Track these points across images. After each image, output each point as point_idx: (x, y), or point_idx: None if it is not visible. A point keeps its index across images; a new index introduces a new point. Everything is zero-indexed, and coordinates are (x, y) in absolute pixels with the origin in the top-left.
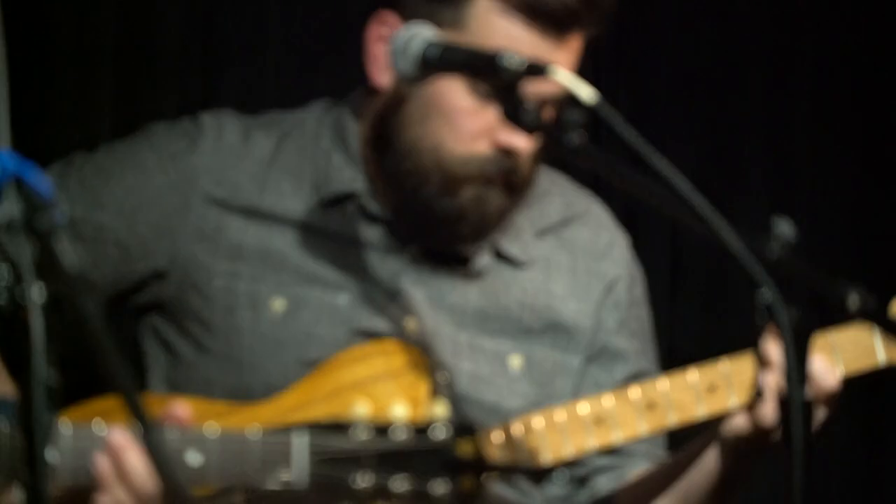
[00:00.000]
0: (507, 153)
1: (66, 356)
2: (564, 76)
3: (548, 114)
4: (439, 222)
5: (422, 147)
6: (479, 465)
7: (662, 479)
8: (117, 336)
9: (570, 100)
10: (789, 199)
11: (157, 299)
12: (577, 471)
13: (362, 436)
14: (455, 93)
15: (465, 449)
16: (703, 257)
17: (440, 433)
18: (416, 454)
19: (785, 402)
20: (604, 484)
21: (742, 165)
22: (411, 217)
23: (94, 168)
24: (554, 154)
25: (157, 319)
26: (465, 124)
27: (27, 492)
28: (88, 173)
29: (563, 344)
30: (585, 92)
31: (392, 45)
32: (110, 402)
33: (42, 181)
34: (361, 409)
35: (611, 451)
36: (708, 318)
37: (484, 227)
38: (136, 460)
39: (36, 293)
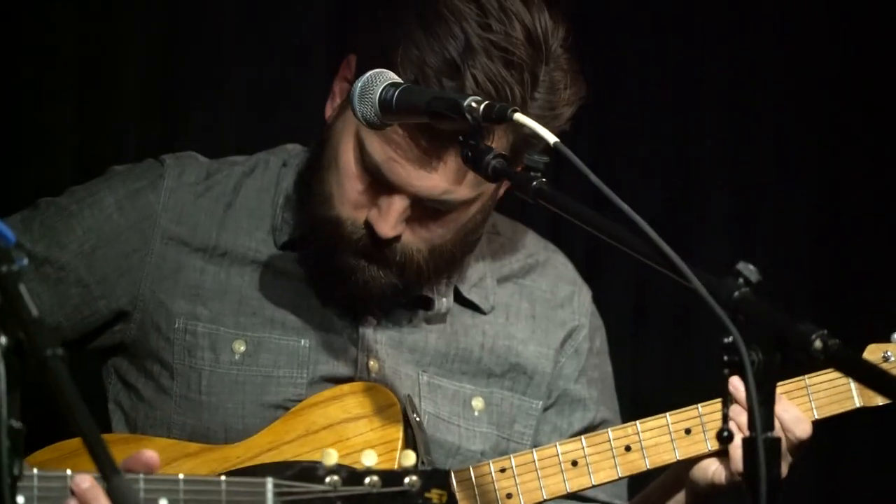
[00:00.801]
0: (373, 232)
1: (31, 399)
2: (525, 118)
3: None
4: (331, 275)
5: (322, 194)
6: None
7: None
8: (80, 378)
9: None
10: (752, 239)
11: (120, 341)
12: None
13: (330, 481)
14: (347, 153)
15: (435, 496)
16: (666, 298)
17: (410, 480)
18: (386, 501)
19: (749, 445)
20: None
21: (705, 207)
22: (323, 267)
23: (56, 210)
24: (518, 196)
25: (121, 361)
26: (348, 189)
27: None
28: (51, 215)
29: (522, 387)
30: (547, 134)
31: (351, 90)
32: (75, 443)
33: (2, 227)
34: (331, 457)
35: (579, 500)
36: (672, 358)
37: (365, 294)
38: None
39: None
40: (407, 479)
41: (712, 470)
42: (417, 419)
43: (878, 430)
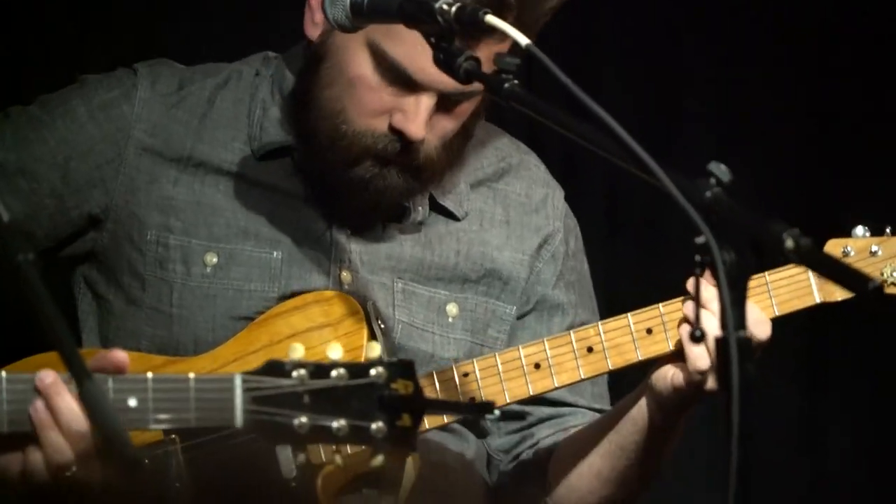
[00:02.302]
0: (401, 136)
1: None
2: (497, 21)
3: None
4: (343, 189)
5: (328, 111)
6: (416, 403)
7: (597, 432)
8: (51, 288)
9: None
10: (728, 142)
11: (90, 250)
12: (520, 423)
13: (297, 375)
14: (361, 65)
15: (401, 386)
16: (639, 201)
17: (376, 371)
18: (354, 393)
19: (721, 346)
20: (545, 434)
21: (679, 110)
22: (323, 178)
23: (28, 120)
24: (491, 100)
25: (90, 271)
26: (366, 99)
27: None
28: (22, 125)
29: (496, 293)
30: (520, 37)
31: None
32: (48, 358)
33: None
34: (297, 351)
35: (554, 403)
36: (645, 261)
37: (381, 202)
38: (69, 402)
39: None
40: (373, 371)
41: (671, 374)
42: (382, 326)
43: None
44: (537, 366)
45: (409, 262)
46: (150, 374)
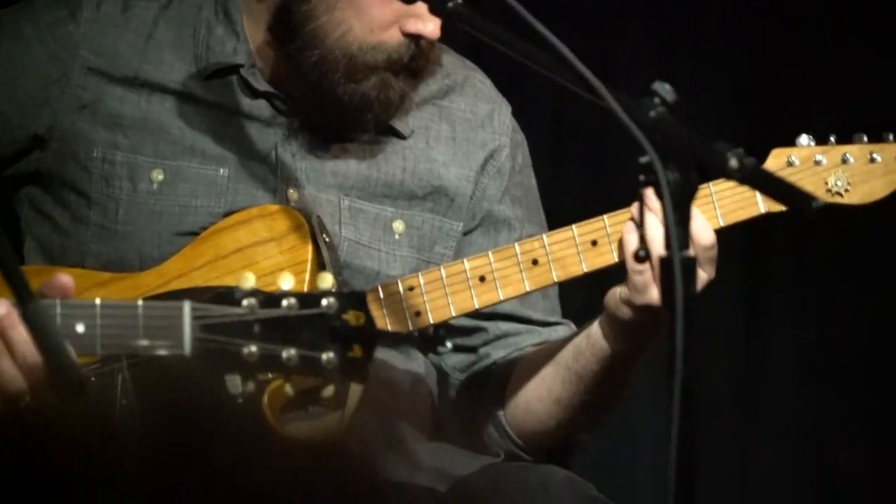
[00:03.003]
0: (414, 39)
1: None
2: None
3: None
4: (342, 109)
5: (328, 36)
6: (367, 335)
7: (557, 357)
8: None
9: None
10: (670, 62)
11: (35, 169)
12: (475, 340)
13: (247, 304)
14: None
15: (353, 317)
16: (583, 120)
17: (328, 302)
18: (304, 324)
19: (665, 265)
20: (500, 354)
21: (623, 29)
22: (313, 103)
23: None
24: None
25: (35, 190)
26: (376, 13)
27: None
28: None
29: (443, 209)
30: None
31: None
32: None
33: None
34: (248, 280)
35: (507, 318)
36: (590, 180)
37: (386, 113)
38: (22, 333)
39: None
40: (324, 301)
41: (619, 292)
42: (327, 239)
43: None
44: (482, 278)
45: (355, 180)
46: (98, 301)
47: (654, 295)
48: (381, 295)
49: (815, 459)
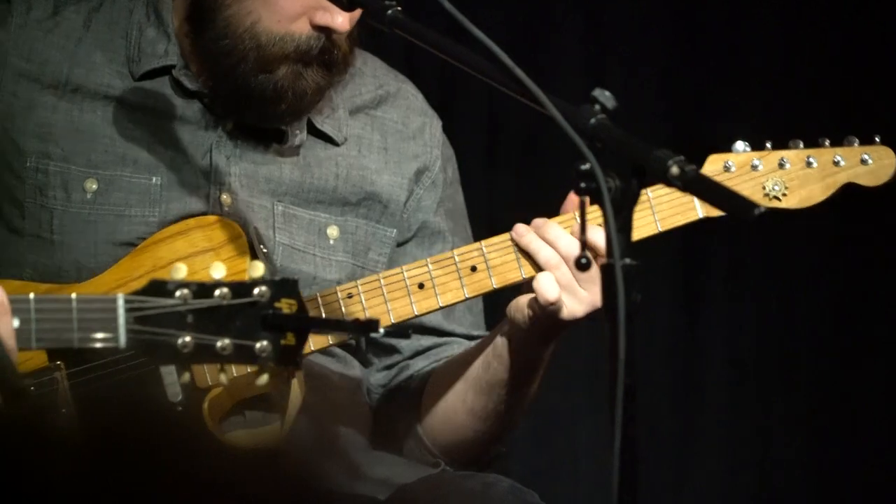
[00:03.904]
0: (324, 32)
1: None
2: None
3: None
4: (256, 100)
5: (239, 25)
6: (300, 322)
7: (468, 367)
8: None
9: None
10: (605, 67)
11: None
12: (397, 357)
13: (180, 295)
14: None
15: (285, 305)
16: (518, 126)
17: (260, 290)
18: (237, 312)
19: (607, 272)
20: (420, 366)
21: (557, 33)
22: (228, 95)
23: None
24: (371, 26)
25: None
26: (285, 4)
27: None
28: None
29: (377, 216)
30: None
31: None
32: None
33: None
34: (180, 271)
35: (432, 332)
36: (525, 186)
37: (301, 104)
38: None
39: None
40: (256, 290)
41: (525, 303)
42: (265, 250)
43: None
44: (421, 286)
45: (288, 185)
46: (32, 295)
47: (564, 308)
48: (320, 303)
49: (755, 465)
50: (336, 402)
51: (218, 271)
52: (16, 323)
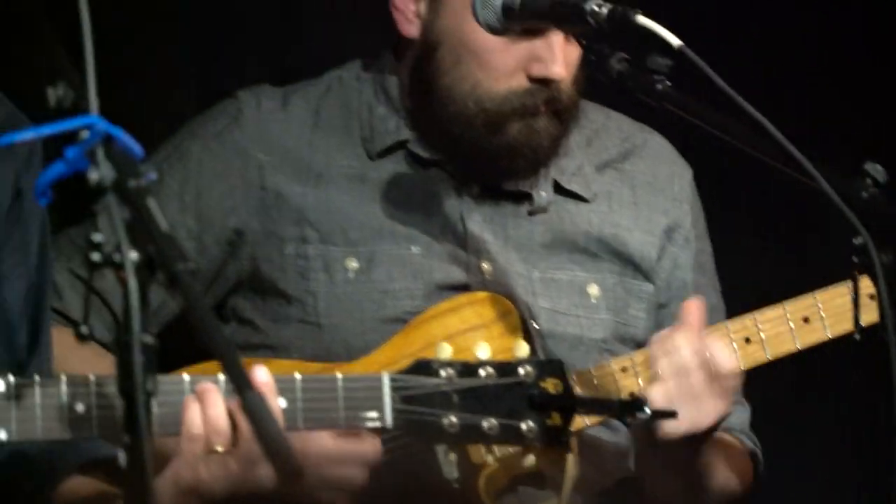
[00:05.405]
0: (544, 83)
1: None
2: (649, 21)
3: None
4: (492, 161)
5: (460, 91)
6: (566, 402)
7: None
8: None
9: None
10: (877, 142)
11: (236, 280)
12: None
13: (445, 374)
14: (482, 34)
15: (550, 385)
16: (786, 199)
17: (525, 370)
18: (503, 392)
19: (883, 349)
20: None
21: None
22: (466, 159)
23: None
24: (642, 100)
25: (237, 300)
26: (498, 62)
27: (129, 451)
28: None
29: (631, 272)
30: (671, 37)
31: None
32: (202, 368)
33: (129, 141)
34: (445, 350)
35: None
36: (792, 256)
37: (538, 157)
38: (221, 407)
39: (131, 253)
40: (522, 370)
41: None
42: (536, 327)
43: None
44: None
45: (540, 249)
46: (298, 375)
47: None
48: (594, 375)
49: None
50: (606, 472)
51: (483, 351)
52: (283, 403)
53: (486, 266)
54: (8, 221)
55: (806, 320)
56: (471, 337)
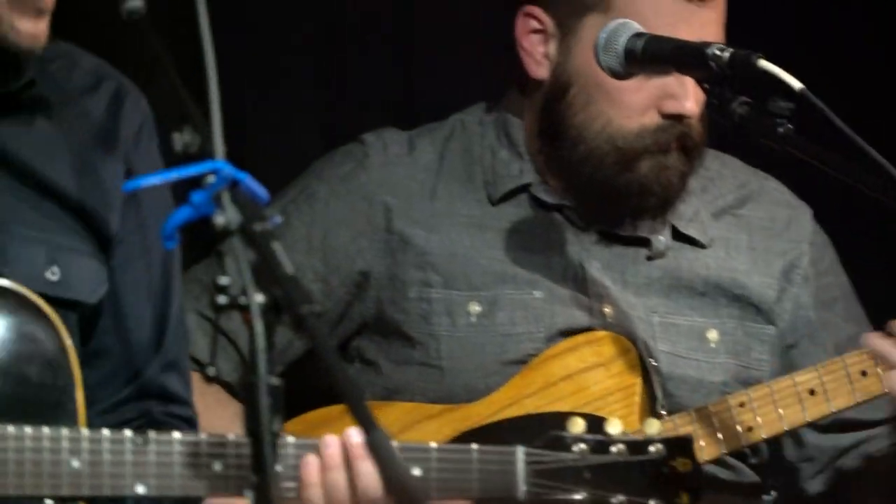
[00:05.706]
0: (676, 119)
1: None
2: (770, 65)
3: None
4: (622, 200)
5: (591, 130)
6: (694, 482)
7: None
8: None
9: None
10: None
11: (360, 321)
12: (814, 465)
13: (578, 450)
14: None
15: (680, 464)
16: None
17: (656, 448)
18: (633, 470)
19: None
20: (848, 464)
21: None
22: (592, 201)
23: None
24: (763, 143)
25: (360, 341)
26: (631, 100)
27: (256, 491)
28: None
29: (751, 316)
30: (793, 80)
31: (595, 42)
32: (328, 412)
33: (254, 185)
34: (578, 423)
35: (854, 427)
36: None
37: (668, 194)
38: (367, 464)
39: (257, 296)
40: (652, 448)
41: None
42: (654, 364)
43: None
44: (812, 392)
45: (659, 293)
46: (433, 444)
47: None
48: (711, 411)
49: None
50: None
51: (614, 427)
52: (417, 471)
53: (608, 310)
54: (125, 216)
55: None
56: (591, 375)
